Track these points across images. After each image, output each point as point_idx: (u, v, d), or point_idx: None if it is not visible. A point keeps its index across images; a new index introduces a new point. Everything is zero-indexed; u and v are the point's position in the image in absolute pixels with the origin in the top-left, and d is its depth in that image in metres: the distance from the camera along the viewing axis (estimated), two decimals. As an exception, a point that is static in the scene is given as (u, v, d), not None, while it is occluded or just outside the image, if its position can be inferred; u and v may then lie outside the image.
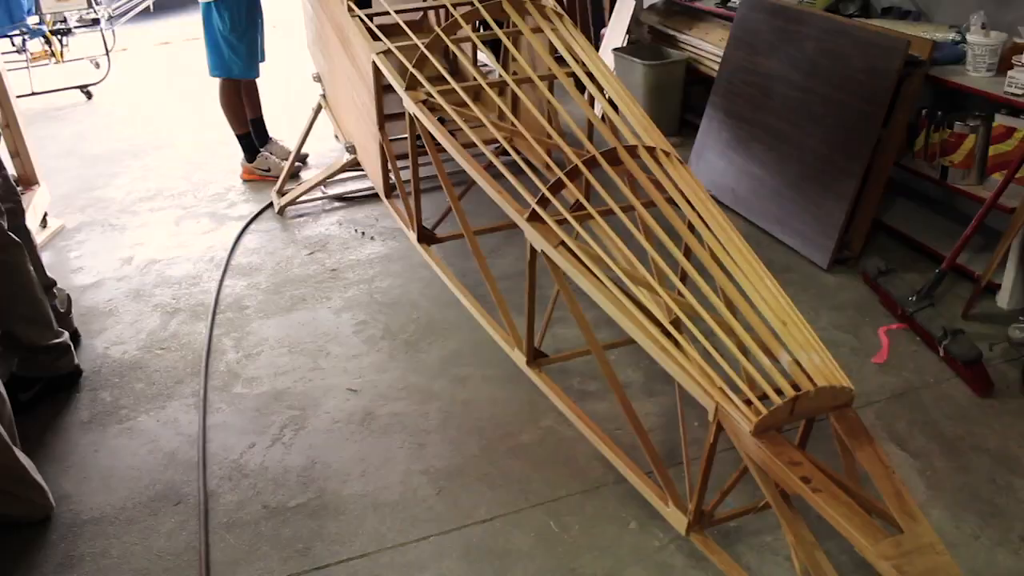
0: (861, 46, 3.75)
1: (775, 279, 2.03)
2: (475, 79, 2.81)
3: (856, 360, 3.14)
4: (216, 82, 4.83)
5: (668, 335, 1.92)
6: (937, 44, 3.61)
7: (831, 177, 3.78)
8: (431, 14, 4.56)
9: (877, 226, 3.93)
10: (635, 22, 5.50)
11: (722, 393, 1.79)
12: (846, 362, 3.09)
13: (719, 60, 4.66)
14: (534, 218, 2.12)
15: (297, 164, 4.93)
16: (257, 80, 4.98)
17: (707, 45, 4.96)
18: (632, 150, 2.18)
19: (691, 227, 2.12)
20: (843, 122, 3.76)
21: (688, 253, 2.14)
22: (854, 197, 3.70)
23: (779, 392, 1.76)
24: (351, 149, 3.68)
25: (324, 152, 5.24)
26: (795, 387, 1.76)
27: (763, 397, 1.77)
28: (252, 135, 5.03)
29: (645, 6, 5.57)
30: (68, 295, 3.65)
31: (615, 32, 5.56)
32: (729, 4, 4.83)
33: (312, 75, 4.39)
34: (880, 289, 3.48)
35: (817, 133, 3.88)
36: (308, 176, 4.81)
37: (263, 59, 4.92)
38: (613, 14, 5.73)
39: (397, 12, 3.16)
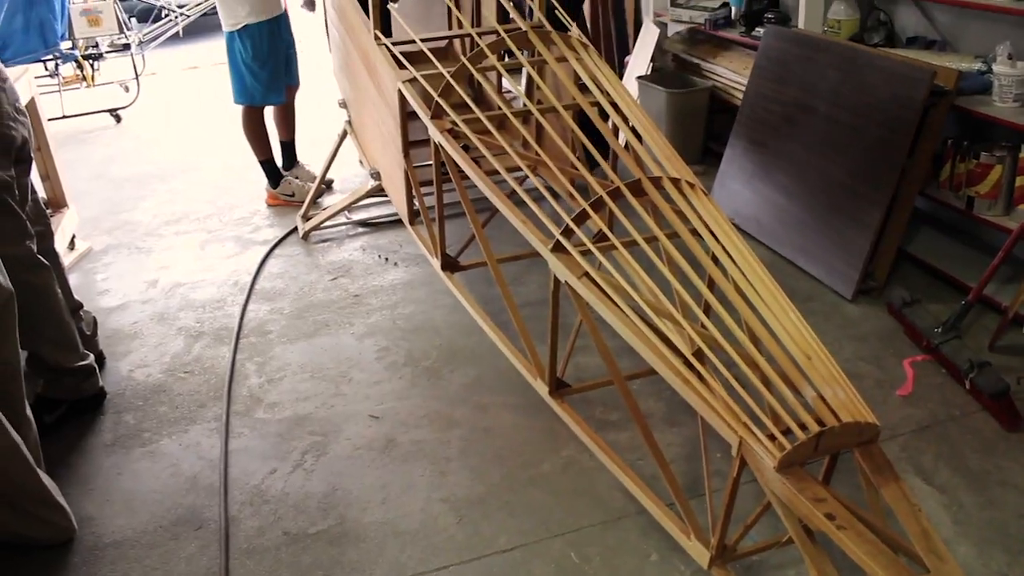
0: (886, 76, 3.74)
1: (799, 312, 2.02)
2: (499, 107, 2.82)
3: (881, 392, 3.11)
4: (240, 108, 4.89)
5: (691, 367, 1.92)
6: (963, 74, 3.60)
7: (855, 206, 3.76)
8: (456, 41, 4.60)
9: (902, 256, 3.91)
10: (659, 50, 5.52)
11: (745, 428, 1.78)
12: (870, 394, 3.06)
13: (743, 89, 4.67)
14: (558, 249, 2.12)
15: (322, 188, 4.97)
16: (294, 104, 5.05)
17: (731, 74, 4.97)
18: (656, 181, 2.18)
19: (715, 259, 2.11)
20: (868, 151, 3.75)
21: (712, 285, 2.13)
22: (879, 227, 3.68)
23: (803, 427, 1.74)
24: (376, 175, 3.71)
25: (348, 177, 5.27)
26: (819, 422, 1.75)
27: (787, 432, 1.76)
28: (274, 161, 5.08)
29: (669, 34, 5.58)
30: (94, 317, 3.68)
31: (639, 60, 5.57)
32: (753, 33, 4.84)
33: (338, 101, 4.44)
34: (905, 320, 3.45)
35: (842, 162, 3.87)
36: (332, 201, 4.85)
37: (297, 84, 4.99)
38: (637, 42, 5.75)
39: (423, 40, 3.19)
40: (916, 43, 4.18)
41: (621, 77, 4.78)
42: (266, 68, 4.73)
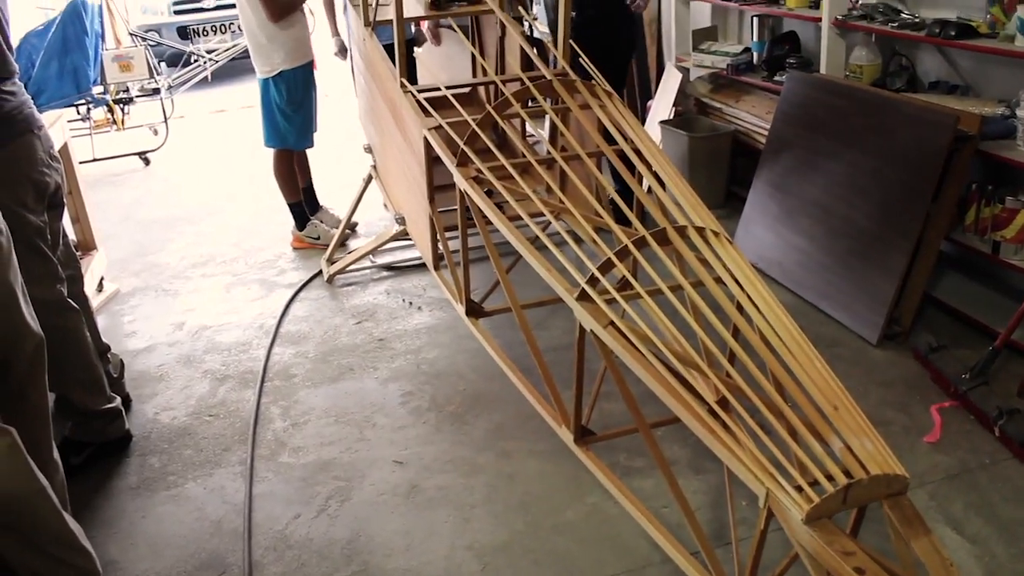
0: (909, 121, 3.75)
1: (824, 359, 2.02)
2: (523, 154, 2.85)
3: (908, 439, 3.08)
4: (270, 151, 4.95)
5: (716, 416, 1.91)
6: (986, 119, 3.60)
7: (879, 251, 3.75)
8: (480, 86, 4.66)
9: (927, 301, 3.88)
10: (681, 95, 5.56)
11: (772, 479, 1.76)
12: (897, 441, 3.04)
13: (766, 133, 4.69)
14: (584, 297, 2.13)
15: (347, 232, 5.02)
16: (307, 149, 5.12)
17: (753, 118, 4.99)
18: (682, 230, 2.19)
19: (740, 308, 2.11)
20: (891, 196, 3.75)
21: (736, 333, 2.13)
22: (903, 272, 3.66)
23: (831, 478, 1.73)
24: (400, 220, 3.74)
25: (373, 221, 5.32)
26: (847, 474, 1.73)
27: (814, 483, 1.74)
28: (303, 204, 5.13)
29: (691, 79, 5.63)
30: (121, 360, 3.72)
31: (662, 104, 5.62)
32: (775, 78, 4.87)
33: (363, 146, 4.49)
34: (931, 366, 3.43)
35: (865, 207, 3.87)
36: (357, 245, 4.89)
37: (316, 130, 5.06)
38: (660, 87, 5.80)
39: (448, 88, 3.23)
40: (938, 88, 4.19)
41: (644, 122, 4.80)
42: (300, 112, 4.82)
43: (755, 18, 5.19)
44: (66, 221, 3.36)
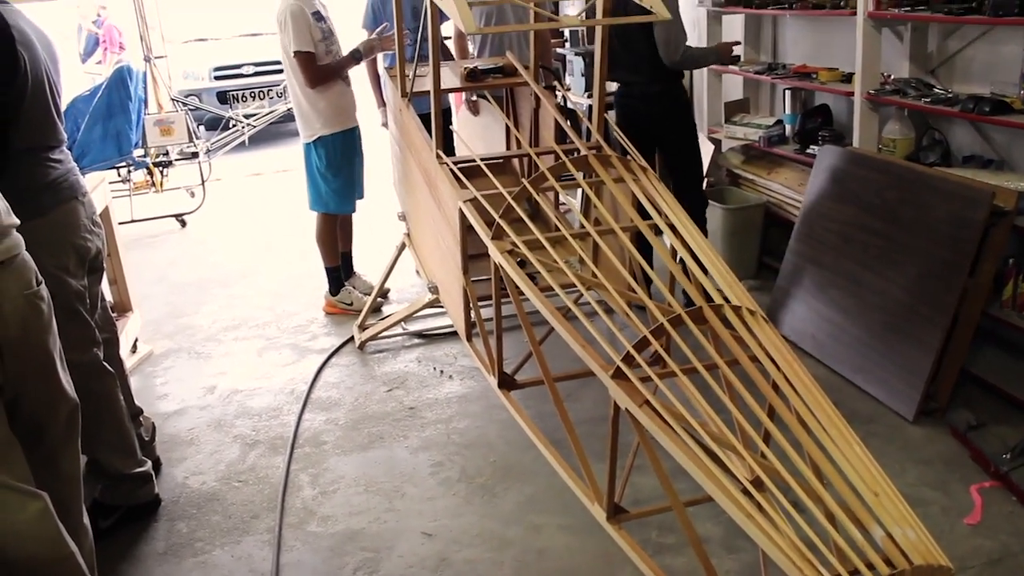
0: (944, 196, 3.75)
1: (861, 438, 1.98)
2: (557, 225, 2.87)
3: (947, 520, 3.01)
4: (305, 215, 5.02)
5: (751, 497, 1.88)
6: (1022, 194, 3.58)
7: (915, 326, 3.72)
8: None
9: (965, 377, 3.82)
10: (714, 165, 5.59)
11: (811, 566, 1.72)
12: (936, 522, 2.97)
13: (798, 204, 4.70)
14: (619, 375, 2.12)
15: (379, 299, 5.05)
16: (352, 215, 5.20)
17: (786, 190, 5.00)
18: (717, 309, 2.19)
19: (776, 388, 2.09)
20: (926, 271, 3.73)
21: (772, 414, 2.10)
22: (940, 347, 3.62)
23: (871, 567, 1.69)
24: (433, 289, 3.76)
25: (405, 287, 5.35)
26: (888, 562, 1.69)
27: (854, 572, 1.70)
28: (340, 270, 5.19)
29: (723, 150, 5.66)
30: (153, 423, 3.74)
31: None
32: (808, 151, 4.88)
33: (397, 214, 4.54)
34: (970, 444, 3.37)
35: (899, 281, 3.84)
36: (389, 311, 4.92)
37: (361, 196, 5.14)
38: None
39: (483, 160, 3.27)
40: (972, 162, 4.19)
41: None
42: (339, 177, 4.91)
43: (787, 91, 5.24)
44: (104, 282, 3.42)
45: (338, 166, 4.89)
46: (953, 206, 3.69)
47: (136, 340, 4.79)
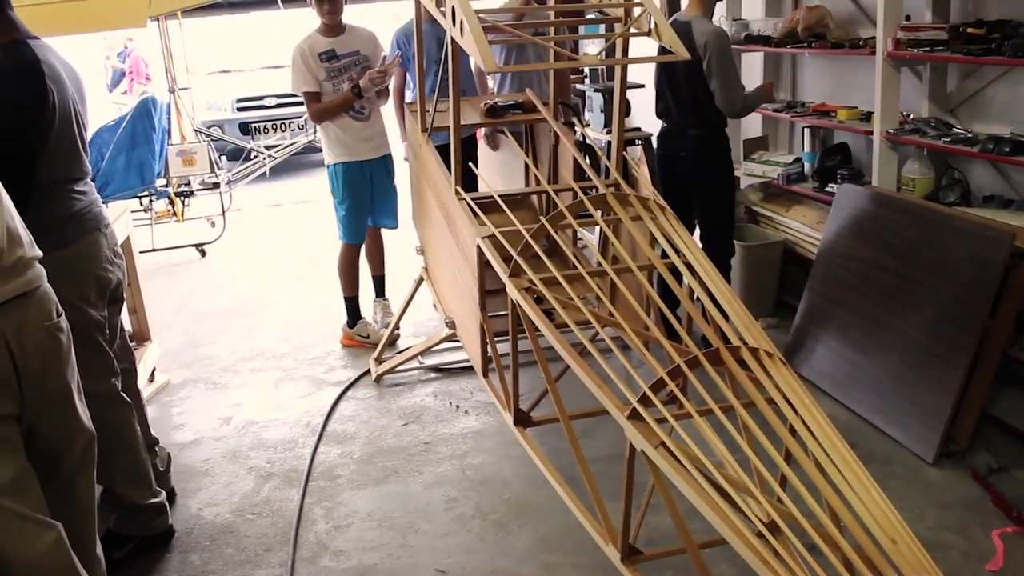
0: (964, 236, 3.73)
1: (880, 480, 1.97)
2: (574, 262, 2.87)
3: (968, 566, 2.96)
4: (321, 247, 5.08)
5: (767, 542, 1.86)
6: (1044, 236, 3.57)
7: (934, 367, 3.68)
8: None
9: (985, 418, 3.77)
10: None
11: (829, 615, 1.71)
12: (957, 568, 2.93)
13: (817, 243, 4.68)
14: (635, 416, 2.12)
15: (396, 332, 5.06)
16: (381, 239, 5.32)
17: (805, 227, 4.99)
18: (735, 351, 2.18)
19: (793, 431, 2.08)
20: (946, 311, 3.70)
21: (789, 458, 2.09)
22: (959, 388, 3.58)
23: (889, 616, 1.67)
24: (451, 324, 3.77)
25: (422, 321, 5.36)
26: (907, 611, 1.67)
27: (872, 621, 1.68)
28: (357, 301, 5.24)
29: (743, 187, 5.66)
30: (168, 454, 3.75)
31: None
32: (827, 189, 4.88)
33: (416, 248, 4.56)
34: (991, 488, 3.32)
35: (918, 321, 3.82)
36: (406, 345, 4.92)
37: (395, 225, 5.25)
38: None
39: (501, 195, 3.28)
40: (993, 202, 4.17)
41: (693, 231, 4.83)
42: (342, 207, 5.02)
43: (806, 129, 5.25)
44: (123, 312, 3.44)
45: (340, 196, 5.02)
46: (973, 246, 3.67)
47: (154, 369, 4.82)
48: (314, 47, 4.82)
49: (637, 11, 2.91)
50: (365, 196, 5.05)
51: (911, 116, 4.49)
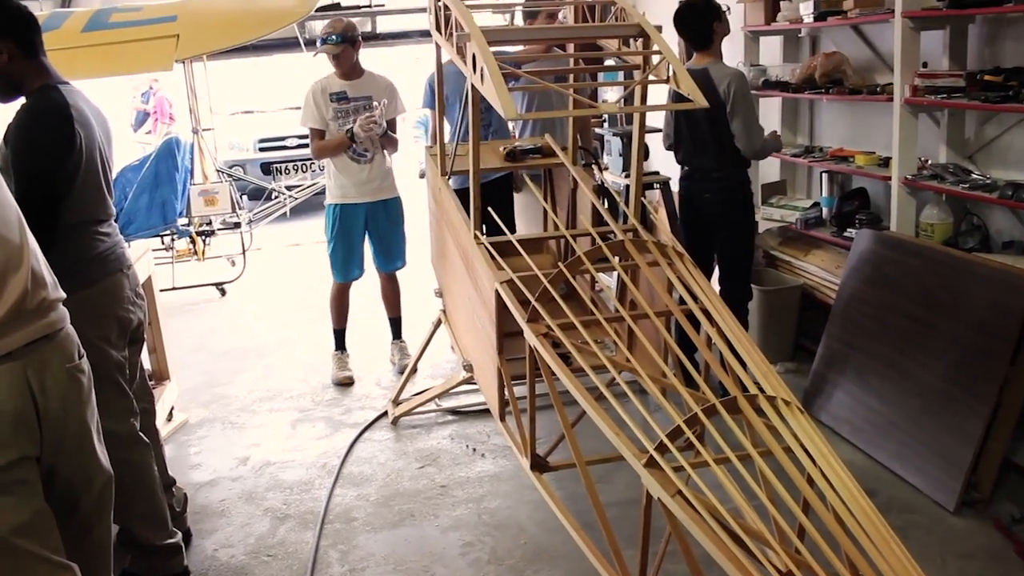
0: (984, 283, 3.72)
1: (900, 530, 1.95)
2: (591, 307, 2.88)
3: (992, 619, 2.92)
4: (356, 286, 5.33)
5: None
6: (1064, 283, 3.55)
7: (954, 414, 3.66)
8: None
9: (1008, 467, 3.74)
10: (750, 246, 5.58)
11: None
12: (980, 621, 2.88)
13: (835, 287, 4.67)
14: (652, 464, 2.11)
15: (405, 363, 5.20)
16: (396, 282, 5.44)
17: (823, 272, 4.98)
18: (752, 399, 2.18)
19: (811, 481, 2.07)
20: (966, 358, 3.68)
21: (807, 508, 2.08)
22: (980, 436, 3.55)
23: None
24: (468, 367, 3.77)
25: (440, 363, 5.37)
26: (928, 669, 1.65)
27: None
28: (341, 334, 5.45)
29: (760, 231, 5.67)
30: (185, 494, 3.75)
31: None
32: (845, 234, 4.88)
33: (434, 290, 4.58)
34: (1015, 538, 3.28)
35: (938, 368, 3.79)
36: (423, 386, 4.92)
37: (403, 264, 5.38)
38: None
39: (520, 240, 3.30)
40: (1012, 248, 4.16)
41: (710, 276, 4.83)
42: (330, 246, 5.23)
43: (824, 174, 5.26)
44: (143, 352, 3.47)
45: (329, 235, 5.21)
46: (993, 293, 3.65)
47: (172, 408, 4.84)
48: (327, 87, 5.01)
49: (656, 59, 2.94)
50: (355, 239, 5.20)
51: (929, 161, 4.50)
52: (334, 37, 4.91)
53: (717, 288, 4.58)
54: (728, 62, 4.58)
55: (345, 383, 5.26)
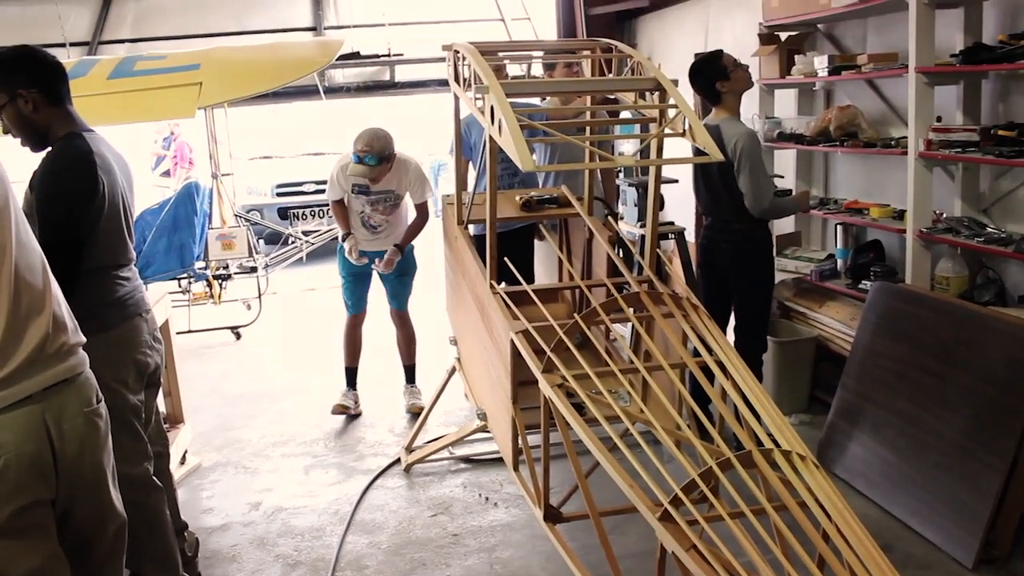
0: (1000, 337, 3.71)
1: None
2: (606, 357, 2.88)
3: None
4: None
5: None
6: (1081, 339, 3.53)
7: (971, 469, 3.62)
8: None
9: (1026, 524, 3.70)
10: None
11: None
12: None
13: (850, 339, 4.66)
14: (666, 517, 2.11)
15: (415, 402, 5.28)
16: (409, 326, 5.51)
17: (838, 324, 4.98)
18: (767, 453, 2.17)
19: (826, 537, 2.06)
20: (983, 412, 3.66)
21: (822, 564, 2.06)
22: (998, 491, 3.51)
23: None
24: (482, 416, 3.78)
25: (454, 410, 5.36)
26: None
27: None
28: (351, 372, 5.54)
29: (775, 282, 5.67)
30: (196, 539, 3.74)
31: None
32: (860, 286, 4.88)
33: (449, 338, 4.59)
34: (1033, 597, 3.23)
35: (955, 421, 3.77)
36: (437, 434, 4.91)
37: (402, 307, 5.44)
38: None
39: (536, 290, 3.32)
40: (1028, 301, 4.15)
41: (727, 325, 4.83)
42: (342, 279, 5.42)
43: (839, 226, 5.27)
44: (159, 396, 3.49)
45: (343, 272, 5.42)
46: (1009, 347, 3.64)
47: (185, 452, 4.84)
48: (352, 174, 5.08)
49: (672, 112, 2.98)
50: (365, 278, 5.38)
51: (944, 215, 4.51)
52: (370, 159, 4.97)
53: (733, 338, 4.58)
54: (744, 113, 4.62)
55: (339, 412, 5.38)
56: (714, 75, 4.43)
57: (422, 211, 5.34)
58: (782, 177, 5.49)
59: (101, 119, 4.48)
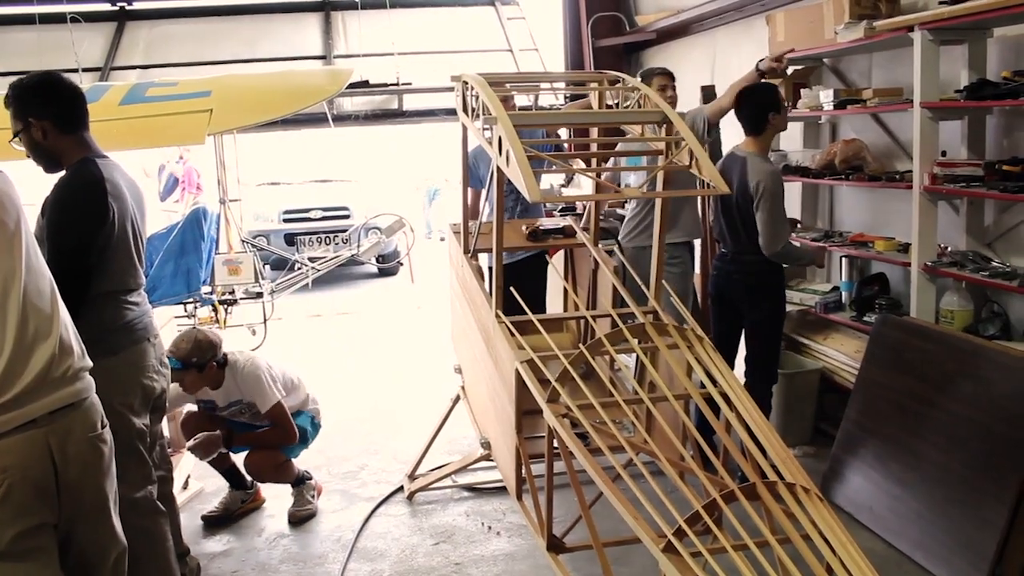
0: (1006, 371, 3.71)
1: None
2: (610, 388, 2.89)
3: None
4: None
5: None
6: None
7: (978, 503, 3.61)
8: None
9: (1032, 560, 3.67)
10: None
11: None
12: None
13: (854, 371, 4.66)
14: (670, 549, 2.10)
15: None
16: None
17: (842, 356, 4.98)
18: (771, 486, 2.17)
19: (830, 570, 2.05)
20: (989, 446, 3.65)
21: (828, 598, 2.06)
22: (1005, 526, 3.50)
23: None
24: (486, 444, 3.78)
25: (457, 439, 5.35)
26: None
27: None
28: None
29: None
30: (198, 563, 3.75)
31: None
32: (864, 319, 4.88)
33: (454, 367, 4.60)
34: (1040, 634, 3.21)
35: (961, 455, 3.76)
36: (440, 462, 4.90)
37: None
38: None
39: (541, 320, 3.33)
40: (1033, 335, 4.15)
41: (736, 354, 4.83)
42: None
43: (844, 258, 5.29)
44: (163, 420, 3.50)
45: None
46: (1015, 381, 3.64)
47: (188, 476, 4.84)
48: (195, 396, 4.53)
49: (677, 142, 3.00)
50: None
51: (949, 248, 4.52)
52: (174, 362, 4.05)
53: (743, 370, 4.58)
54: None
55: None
56: (769, 105, 4.43)
57: (272, 418, 4.46)
58: (800, 223, 5.52)
59: (113, 144, 4.49)
